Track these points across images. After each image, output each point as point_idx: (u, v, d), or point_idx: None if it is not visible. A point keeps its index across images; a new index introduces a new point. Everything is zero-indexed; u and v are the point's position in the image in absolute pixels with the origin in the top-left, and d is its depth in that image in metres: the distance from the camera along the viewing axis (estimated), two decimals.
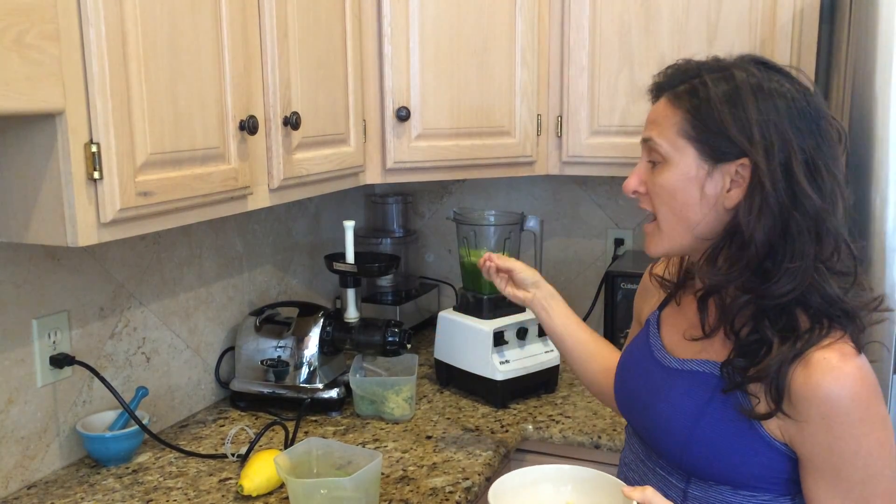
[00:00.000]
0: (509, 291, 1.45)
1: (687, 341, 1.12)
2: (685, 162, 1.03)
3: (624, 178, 1.08)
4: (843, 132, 1.04)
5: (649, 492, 0.95)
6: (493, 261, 1.45)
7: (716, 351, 1.07)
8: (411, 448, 1.61)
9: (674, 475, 1.11)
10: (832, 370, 0.95)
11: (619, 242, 2.26)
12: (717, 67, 1.04)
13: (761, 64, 1.04)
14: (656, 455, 1.15)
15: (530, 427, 1.72)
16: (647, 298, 1.30)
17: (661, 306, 1.23)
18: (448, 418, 1.76)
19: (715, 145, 1.01)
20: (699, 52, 1.77)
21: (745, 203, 1.00)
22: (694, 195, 1.03)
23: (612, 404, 1.35)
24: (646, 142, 1.08)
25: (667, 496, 1.06)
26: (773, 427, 1.00)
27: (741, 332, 1.03)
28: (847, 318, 0.99)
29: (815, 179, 0.98)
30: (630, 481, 1.19)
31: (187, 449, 1.59)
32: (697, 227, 1.05)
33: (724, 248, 1.03)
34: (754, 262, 1.00)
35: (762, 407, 1.00)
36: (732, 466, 1.03)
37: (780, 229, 0.98)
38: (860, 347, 0.99)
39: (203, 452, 1.59)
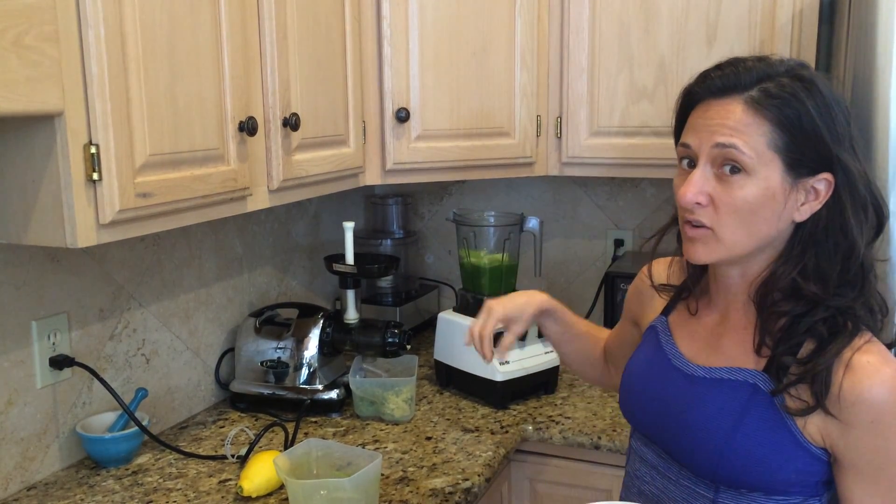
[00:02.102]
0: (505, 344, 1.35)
1: (709, 349, 1.10)
2: (771, 175, 0.97)
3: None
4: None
5: None
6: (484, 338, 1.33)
7: (743, 359, 1.05)
8: (411, 449, 1.61)
9: (701, 485, 1.07)
10: (878, 374, 0.95)
11: (618, 243, 2.26)
12: (800, 75, 0.98)
13: (808, 70, 1.01)
14: (679, 465, 1.10)
15: (530, 428, 1.72)
16: (643, 300, 1.27)
17: (667, 311, 1.20)
18: (448, 419, 1.76)
19: (803, 160, 0.97)
20: (699, 53, 1.79)
21: (827, 213, 0.99)
22: (774, 210, 0.98)
23: (606, 386, 1.39)
24: (723, 147, 0.98)
25: None
26: (813, 431, 0.99)
27: (779, 332, 1.02)
28: (871, 316, 1.00)
29: (867, 186, 1.00)
30: (645, 495, 1.16)
31: (187, 450, 1.59)
32: (764, 240, 1.01)
33: (787, 267, 1.01)
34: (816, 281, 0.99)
35: (802, 405, 0.98)
36: (769, 473, 1.01)
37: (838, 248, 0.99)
38: (891, 348, 1.00)
39: (203, 454, 1.59)
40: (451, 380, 1.93)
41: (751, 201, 0.98)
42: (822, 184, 0.98)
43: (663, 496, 1.12)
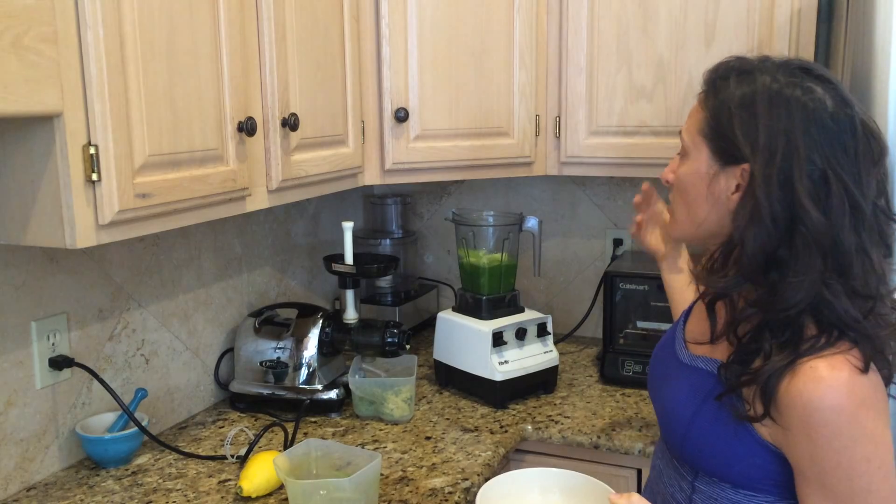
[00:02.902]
0: (644, 239, 1.46)
1: (701, 339, 1.13)
2: (699, 159, 1.07)
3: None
4: (883, 148, 1.00)
5: (635, 498, 0.96)
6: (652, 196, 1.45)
7: (721, 352, 1.08)
8: (410, 449, 1.61)
9: (684, 467, 1.13)
10: (816, 379, 0.93)
11: (617, 243, 2.26)
12: (746, 70, 1.04)
13: (798, 68, 1.01)
14: (668, 445, 1.18)
15: (529, 427, 1.72)
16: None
17: (696, 301, 1.22)
18: (447, 419, 1.76)
19: (724, 148, 1.03)
20: (697, 53, 1.79)
21: (738, 208, 1.00)
22: (701, 191, 1.07)
23: None
24: (679, 134, 1.14)
25: (679, 489, 1.12)
26: (764, 431, 1.00)
27: (743, 338, 1.03)
28: (863, 336, 0.96)
29: (820, 193, 0.95)
30: (655, 469, 1.23)
31: (187, 450, 1.59)
32: (704, 223, 1.08)
33: (723, 253, 1.04)
34: (752, 272, 0.99)
35: (752, 411, 1.00)
36: (727, 464, 1.04)
37: (780, 241, 0.97)
38: (867, 364, 0.95)
39: (202, 454, 1.59)
40: (451, 379, 1.93)
41: (682, 179, 1.10)
42: (745, 174, 1.00)
43: (664, 472, 1.19)
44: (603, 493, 1.02)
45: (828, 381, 0.93)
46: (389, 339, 1.74)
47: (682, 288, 1.42)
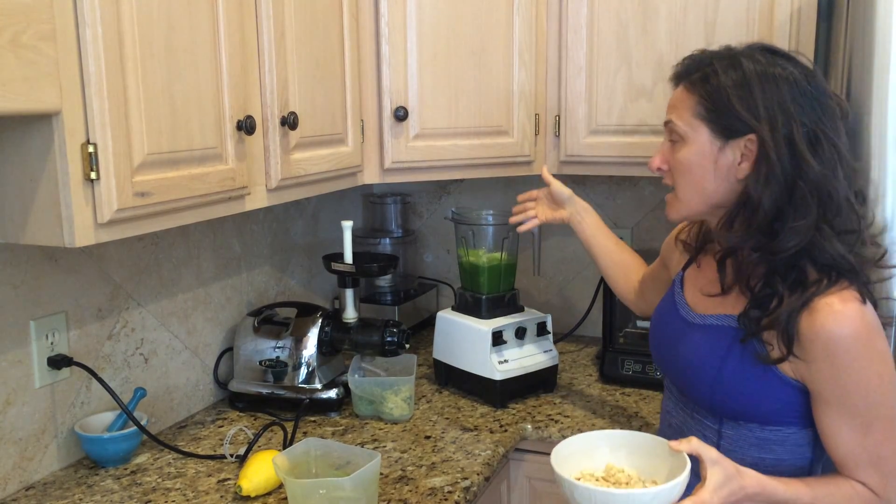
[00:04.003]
0: (546, 216, 1.67)
1: (706, 298, 1.27)
2: (700, 139, 1.18)
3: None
4: (845, 106, 1.18)
5: (695, 442, 1.07)
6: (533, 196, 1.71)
7: (731, 306, 1.21)
8: (410, 448, 1.61)
9: (708, 418, 1.25)
10: (834, 313, 1.08)
11: None
12: (727, 56, 1.18)
13: (767, 51, 1.18)
14: (690, 400, 1.29)
15: (529, 426, 1.72)
16: (671, 251, 1.47)
17: (685, 267, 1.38)
18: (447, 418, 1.76)
19: (726, 124, 1.15)
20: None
21: (753, 173, 1.13)
22: (708, 168, 1.18)
23: (641, 314, 1.64)
24: (667, 124, 1.24)
25: (704, 438, 1.23)
26: (787, 368, 1.14)
27: (755, 287, 1.15)
28: (852, 272, 1.11)
29: (815, 149, 1.11)
30: (672, 427, 1.35)
31: (186, 450, 1.59)
32: (713, 196, 1.19)
33: (739, 214, 1.16)
34: (764, 225, 1.13)
35: (775, 352, 1.13)
36: (757, 404, 1.17)
37: (786, 195, 1.11)
38: (864, 297, 1.10)
39: (201, 453, 1.59)
40: (450, 379, 1.93)
41: (686, 161, 1.20)
42: (750, 143, 1.14)
43: (684, 427, 1.31)
44: (664, 448, 1.11)
45: (844, 313, 1.08)
46: (389, 339, 1.74)
47: (603, 235, 1.63)
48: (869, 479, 1.12)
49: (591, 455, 1.17)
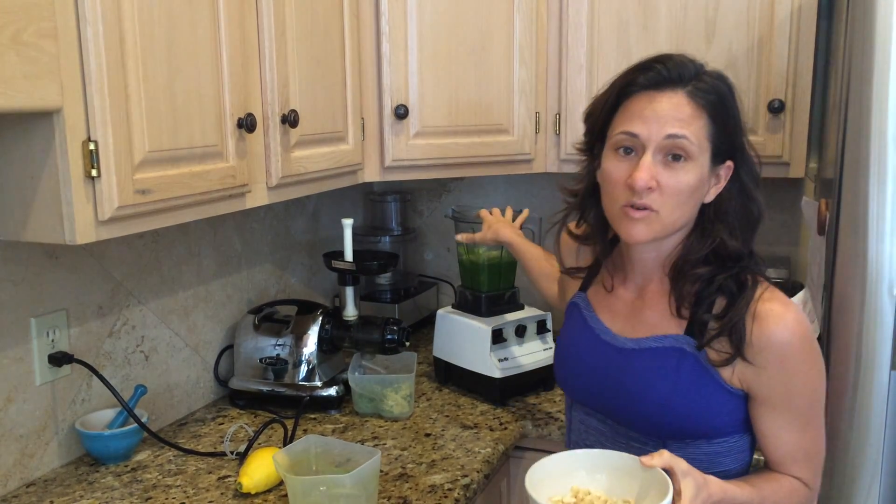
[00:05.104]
0: (497, 236, 1.68)
1: (633, 322, 1.21)
2: (703, 161, 1.10)
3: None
4: None
5: (666, 455, 1.03)
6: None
7: (663, 326, 1.18)
8: (410, 445, 1.61)
9: (650, 441, 1.19)
10: (782, 320, 1.08)
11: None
12: (716, 73, 1.13)
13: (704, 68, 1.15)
14: (626, 427, 1.22)
15: (529, 424, 1.72)
16: (567, 260, 1.40)
17: (584, 287, 1.32)
18: (447, 416, 1.76)
19: (722, 148, 1.11)
20: (697, 49, 1.79)
21: (725, 194, 1.13)
22: (701, 192, 1.12)
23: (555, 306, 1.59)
24: (675, 138, 1.06)
25: None
26: (730, 376, 1.12)
27: (700, 295, 1.14)
28: (763, 271, 1.15)
29: (752, 160, 1.16)
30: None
31: (186, 447, 1.59)
32: (689, 218, 1.14)
33: (697, 233, 1.15)
34: (722, 241, 1.13)
35: (724, 355, 1.11)
36: (709, 421, 1.15)
37: (742, 210, 1.14)
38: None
39: (202, 450, 1.59)
40: (450, 376, 1.93)
41: (692, 185, 1.09)
42: (725, 170, 1.13)
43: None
44: (634, 464, 1.06)
45: (788, 318, 1.09)
46: (389, 336, 1.74)
47: (539, 258, 1.64)
48: (803, 473, 1.16)
49: (558, 479, 1.09)
